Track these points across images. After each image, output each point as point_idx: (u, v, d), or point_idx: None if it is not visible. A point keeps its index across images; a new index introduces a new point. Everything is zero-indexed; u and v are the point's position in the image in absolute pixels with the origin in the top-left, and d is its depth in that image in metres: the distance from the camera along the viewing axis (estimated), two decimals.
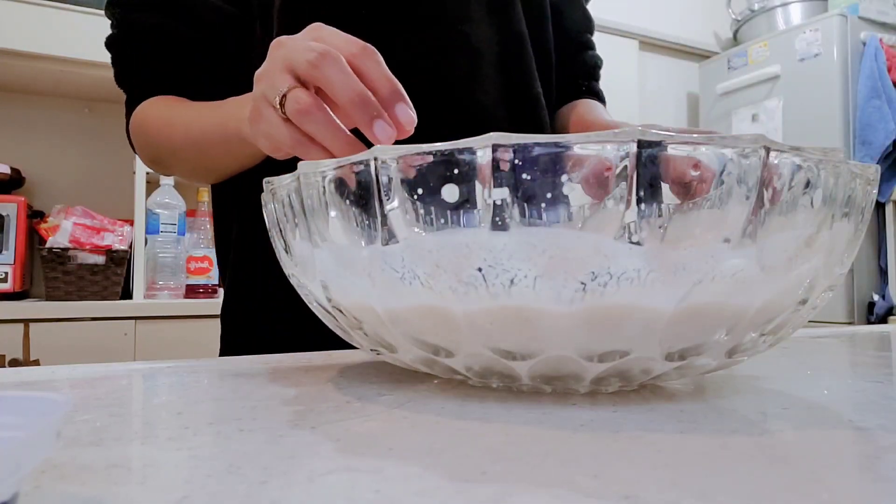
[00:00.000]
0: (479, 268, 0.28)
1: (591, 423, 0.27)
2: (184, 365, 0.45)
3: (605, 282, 0.27)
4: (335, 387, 0.36)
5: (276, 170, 0.39)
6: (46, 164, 1.87)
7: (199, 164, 0.60)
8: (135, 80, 0.64)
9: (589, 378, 0.31)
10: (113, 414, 0.30)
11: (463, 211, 0.28)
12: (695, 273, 0.27)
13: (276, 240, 0.37)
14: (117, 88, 0.67)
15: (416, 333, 0.31)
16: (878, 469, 0.22)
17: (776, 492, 0.19)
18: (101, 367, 0.44)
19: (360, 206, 0.30)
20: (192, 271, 1.75)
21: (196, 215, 1.82)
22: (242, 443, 0.25)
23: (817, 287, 0.31)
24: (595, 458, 0.23)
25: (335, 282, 0.33)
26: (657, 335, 0.28)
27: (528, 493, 0.19)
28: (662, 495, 0.19)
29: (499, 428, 0.27)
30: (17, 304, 1.49)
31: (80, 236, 1.63)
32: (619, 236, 0.27)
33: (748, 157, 0.27)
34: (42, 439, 0.16)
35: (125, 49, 0.64)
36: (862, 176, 0.31)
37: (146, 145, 0.64)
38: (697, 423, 0.27)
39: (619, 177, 0.26)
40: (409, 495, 0.19)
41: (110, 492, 0.20)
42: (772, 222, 0.28)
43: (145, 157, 0.66)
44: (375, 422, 0.28)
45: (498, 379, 0.33)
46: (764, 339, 0.32)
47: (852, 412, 0.31)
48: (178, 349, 1.57)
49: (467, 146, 0.27)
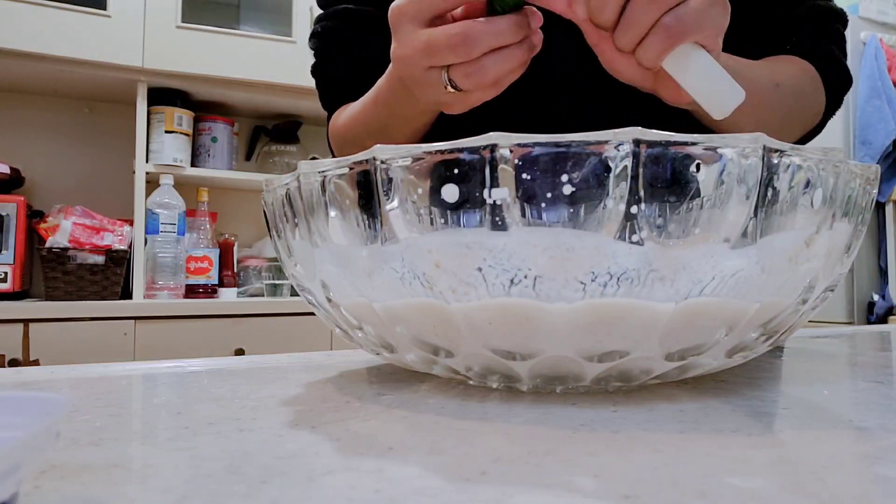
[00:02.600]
0: (479, 268, 0.28)
1: (591, 423, 0.27)
2: (184, 365, 0.45)
3: (605, 282, 0.27)
4: (335, 387, 0.36)
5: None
6: (46, 164, 1.87)
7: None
8: (327, 103, 0.72)
9: (589, 378, 0.31)
10: (113, 414, 0.30)
11: (463, 211, 0.28)
12: (695, 273, 0.27)
13: (276, 240, 0.37)
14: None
15: (415, 333, 0.31)
16: (878, 469, 0.22)
17: (776, 492, 0.19)
18: (101, 367, 0.44)
19: (360, 205, 0.30)
20: (192, 271, 1.75)
21: (196, 215, 1.82)
22: (242, 443, 0.25)
23: (817, 287, 0.31)
24: (595, 458, 0.23)
25: (335, 282, 0.33)
26: (657, 335, 0.28)
27: (528, 493, 0.19)
28: (662, 495, 0.19)
29: (499, 428, 0.27)
30: (16, 304, 1.49)
31: (80, 236, 1.63)
32: (618, 236, 0.27)
33: (748, 157, 0.27)
34: (42, 439, 0.16)
35: (324, 80, 0.71)
36: (862, 176, 0.31)
37: (343, 150, 0.69)
38: (697, 423, 0.27)
39: (619, 177, 0.26)
40: (409, 495, 0.19)
41: (110, 492, 0.20)
42: (772, 222, 0.28)
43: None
44: (375, 422, 0.28)
45: (498, 379, 0.33)
46: (764, 339, 0.32)
47: (852, 412, 0.31)
48: (178, 349, 1.57)
49: (467, 146, 0.27)
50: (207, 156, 1.89)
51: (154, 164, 1.74)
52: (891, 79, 2.35)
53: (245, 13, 1.93)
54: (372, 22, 0.66)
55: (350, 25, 0.67)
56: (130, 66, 1.68)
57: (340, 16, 0.68)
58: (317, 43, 0.70)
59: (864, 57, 2.38)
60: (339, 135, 0.67)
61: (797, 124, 0.61)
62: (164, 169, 1.75)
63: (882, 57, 2.36)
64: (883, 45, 2.39)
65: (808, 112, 0.61)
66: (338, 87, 0.69)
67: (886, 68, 2.36)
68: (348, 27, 0.68)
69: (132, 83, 1.72)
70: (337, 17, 0.68)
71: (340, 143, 0.68)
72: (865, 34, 2.40)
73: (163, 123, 1.76)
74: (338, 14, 0.68)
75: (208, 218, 1.85)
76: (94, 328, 1.52)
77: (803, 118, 0.61)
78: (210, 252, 1.78)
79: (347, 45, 0.68)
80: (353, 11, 0.67)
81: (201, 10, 1.83)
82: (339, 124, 0.67)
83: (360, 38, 0.67)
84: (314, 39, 0.70)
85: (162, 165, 1.74)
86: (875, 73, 2.35)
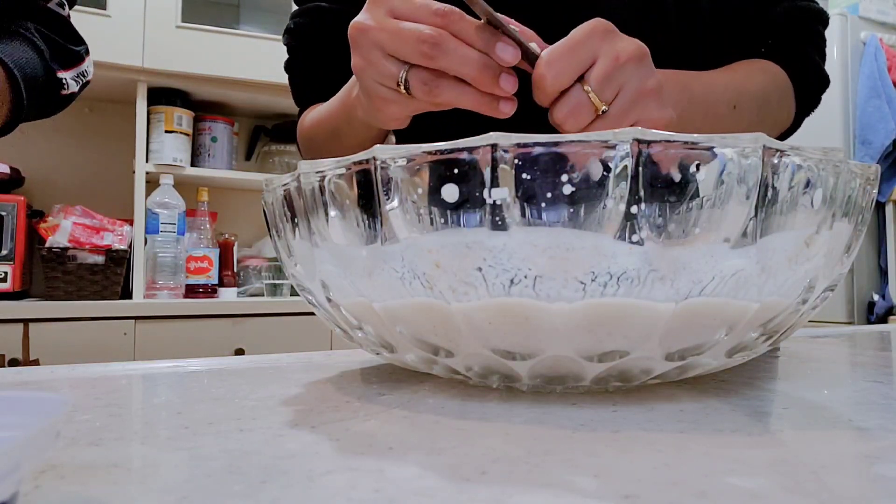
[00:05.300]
0: (479, 268, 0.28)
1: (591, 423, 0.27)
2: (184, 365, 0.45)
3: (605, 282, 0.27)
4: (335, 387, 0.36)
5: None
6: (46, 164, 1.87)
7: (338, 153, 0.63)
8: (299, 100, 0.72)
9: (589, 378, 0.31)
10: (113, 414, 0.30)
11: (463, 211, 0.28)
12: (695, 273, 0.27)
13: (276, 240, 0.37)
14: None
15: (415, 333, 0.31)
16: (878, 469, 0.22)
17: (776, 492, 0.19)
18: (101, 367, 0.44)
19: (360, 205, 0.30)
20: (192, 271, 1.75)
21: (196, 215, 1.82)
22: (242, 443, 0.25)
23: (817, 287, 0.31)
24: (595, 458, 0.23)
25: (335, 282, 0.33)
26: (657, 335, 0.28)
27: (528, 493, 0.19)
28: (662, 495, 0.19)
29: (499, 428, 0.27)
30: (16, 304, 1.49)
31: (80, 236, 1.63)
32: (618, 236, 0.27)
33: (748, 157, 0.27)
34: (42, 439, 0.16)
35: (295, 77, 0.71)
36: (862, 176, 0.31)
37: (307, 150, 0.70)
38: (697, 423, 0.27)
39: (619, 177, 0.26)
40: (409, 495, 0.19)
41: (110, 492, 0.20)
42: (772, 222, 0.28)
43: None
44: (375, 422, 0.28)
45: (498, 379, 0.33)
46: (764, 339, 0.32)
47: (852, 412, 0.31)
48: (178, 349, 1.57)
49: (467, 146, 0.27)
50: (207, 156, 1.89)
51: (154, 164, 1.74)
52: (891, 79, 2.35)
53: (245, 13, 1.93)
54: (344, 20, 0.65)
55: (323, 23, 0.67)
56: (130, 65, 1.68)
57: (313, 13, 0.68)
58: (289, 39, 0.70)
59: (864, 57, 2.38)
60: (303, 135, 0.68)
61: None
62: (164, 169, 1.75)
63: (882, 57, 2.36)
64: (883, 45, 2.39)
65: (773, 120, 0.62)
66: (309, 84, 0.69)
67: (886, 68, 2.36)
68: (321, 25, 0.67)
69: (132, 83, 1.72)
70: (309, 15, 0.68)
71: (305, 142, 0.69)
72: (865, 34, 2.41)
73: (163, 123, 1.76)
74: (310, 11, 0.68)
75: (208, 218, 1.85)
76: (94, 328, 1.52)
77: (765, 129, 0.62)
78: (210, 252, 1.78)
79: (319, 44, 0.68)
80: (326, 10, 0.67)
81: (201, 10, 1.83)
82: (306, 125, 0.67)
83: (332, 36, 0.67)
84: (287, 35, 0.70)
85: (162, 165, 1.74)
86: (875, 73, 2.35)
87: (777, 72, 0.62)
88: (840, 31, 2.37)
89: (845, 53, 2.37)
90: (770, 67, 0.62)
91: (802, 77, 0.63)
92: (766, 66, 0.62)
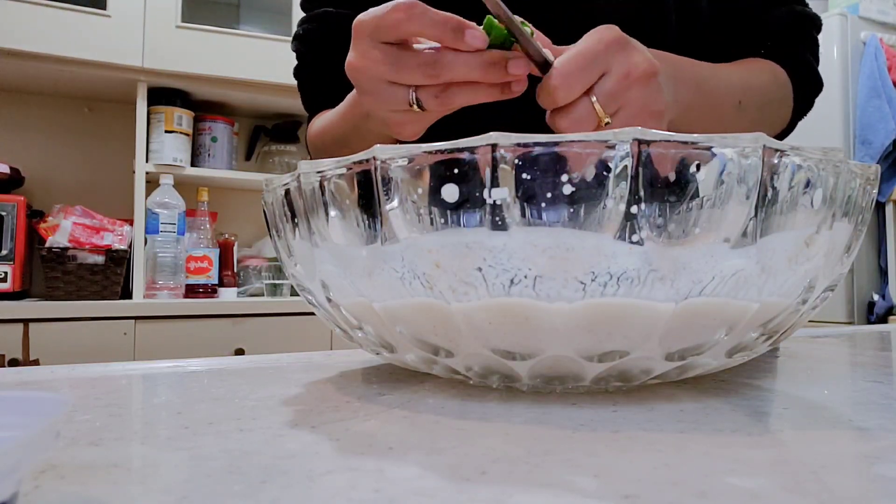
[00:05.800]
0: (479, 268, 0.28)
1: (591, 423, 0.27)
2: (184, 365, 0.45)
3: (605, 282, 0.27)
4: (335, 387, 0.36)
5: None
6: (46, 164, 1.87)
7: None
8: (308, 106, 0.72)
9: (589, 378, 0.31)
10: (113, 414, 0.30)
11: (463, 211, 0.28)
12: (695, 273, 0.27)
13: (276, 240, 0.37)
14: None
15: (415, 333, 0.31)
16: (878, 469, 0.22)
17: (776, 492, 0.19)
18: (101, 367, 0.44)
19: (360, 205, 0.30)
20: (192, 271, 1.75)
21: (196, 215, 1.82)
22: (242, 443, 0.25)
23: (817, 287, 0.31)
24: (595, 458, 0.23)
25: (335, 282, 0.33)
26: (657, 335, 0.28)
27: (528, 493, 0.19)
28: (662, 495, 0.19)
29: (499, 428, 0.27)
30: (16, 304, 1.49)
31: (80, 236, 1.63)
32: (619, 236, 0.27)
33: (748, 157, 0.27)
34: (42, 439, 0.16)
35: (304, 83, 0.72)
36: (862, 176, 0.31)
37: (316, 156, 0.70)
38: (697, 423, 0.27)
39: (619, 177, 0.26)
40: (409, 495, 0.19)
41: (110, 492, 0.20)
42: (772, 222, 0.28)
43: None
44: (375, 422, 0.28)
45: (498, 379, 0.33)
46: (764, 339, 0.32)
47: (852, 412, 0.31)
48: (178, 349, 1.57)
49: (467, 146, 0.27)
50: (207, 155, 1.89)
51: (154, 164, 1.74)
52: (891, 79, 2.35)
53: (245, 13, 1.93)
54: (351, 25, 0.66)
55: (331, 29, 0.68)
56: (130, 65, 1.68)
57: (321, 19, 0.68)
58: (298, 46, 0.71)
59: (864, 57, 2.38)
60: (312, 141, 0.68)
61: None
62: (164, 169, 1.75)
63: (882, 57, 2.36)
64: (883, 45, 2.39)
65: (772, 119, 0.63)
66: (318, 90, 0.70)
67: (886, 68, 2.36)
68: (329, 31, 0.68)
69: (132, 83, 1.72)
70: (318, 21, 0.69)
71: (313, 149, 0.69)
72: (865, 34, 2.40)
73: (163, 123, 1.76)
74: (318, 17, 0.69)
75: (208, 218, 1.85)
76: (94, 328, 1.52)
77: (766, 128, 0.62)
78: (210, 252, 1.78)
79: (328, 49, 0.68)
80: (333, 15, 0.68)
81: (201, 10, 1.83)
82: (314, 131, 0.68)
83: (341, 41, 0.67)
84: (296, 42, 0.71)
85: (162, 165, 1.74)
86: (875, 73, 2.35)
87: (779, 72, 0.62)
88: (840, 31, 2.37)
89: (845, 53, 2.37)
90: (772, 67, 0.62)
91: (800, 79, 0.64)
92: (769, 66, 0.62)
